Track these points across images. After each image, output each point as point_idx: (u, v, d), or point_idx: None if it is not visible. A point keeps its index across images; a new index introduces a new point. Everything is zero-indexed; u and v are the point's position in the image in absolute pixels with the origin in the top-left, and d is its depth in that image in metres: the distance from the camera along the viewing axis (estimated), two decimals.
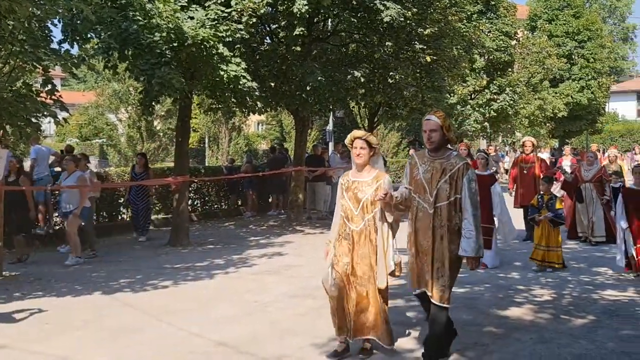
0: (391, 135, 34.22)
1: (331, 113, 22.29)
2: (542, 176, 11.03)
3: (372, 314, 5.33)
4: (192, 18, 10.67)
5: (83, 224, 10.83)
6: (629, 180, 13.12)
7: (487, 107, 25.38)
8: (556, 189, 13.88)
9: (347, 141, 5.57)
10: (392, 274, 5.40)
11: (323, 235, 13.10)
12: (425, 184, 5.13)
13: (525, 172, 12.26)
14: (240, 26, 11.31)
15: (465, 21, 20.39)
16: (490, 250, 9.61)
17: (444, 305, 5.06)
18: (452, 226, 5.06)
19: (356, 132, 5.54)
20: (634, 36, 71.16)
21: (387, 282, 5.36)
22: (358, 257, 5.35)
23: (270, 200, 18.79)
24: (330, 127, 25.22)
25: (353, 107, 20.46)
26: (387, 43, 13.72)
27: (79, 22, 9.63)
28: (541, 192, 9.83)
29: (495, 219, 9.83)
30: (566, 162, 16.95)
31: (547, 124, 33.69)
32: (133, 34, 10.16)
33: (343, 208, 5.47)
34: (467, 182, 5.03)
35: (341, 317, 5.35)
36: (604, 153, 25.01)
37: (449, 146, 5.27)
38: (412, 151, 19.05)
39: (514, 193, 12.46)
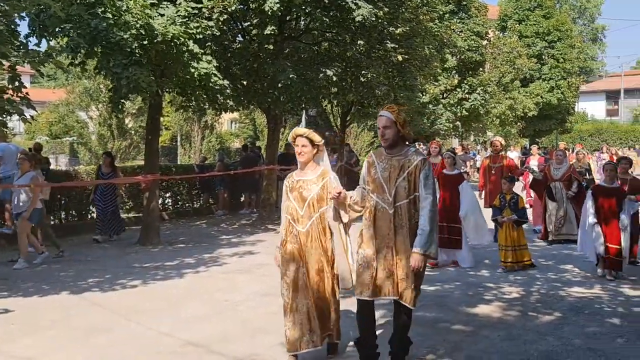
0: (364, 134, 34.29)
1: (304, 112, 22.29)
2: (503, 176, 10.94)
3: (326, 316, 5.21)
4: (162, 15, 10.57)
5: (33, 225, 10.57)
6: (597, 179, 13.30)
7: (458, 107, 25.60)
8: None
9: (289, 139, 5.43)
10: (344, 275, 5.24)
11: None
12: (384, 183, 4.92)
13: (493, 172, 12.16)
14: (211, 23, 11.25)
15: (437, 21, 20.53)
16: (460, 250, 9.68)
17: (411, 306, 4.87)
18: (412, 225, 4.86)
19: (298, 130, 5.37)
20: (603, 37, 72.53)
21: (352, 283, 5.21)
22: (307, 259, 5.17)
23: (242, 199, 18.74)
24: (303, 125, 25.21)
25: (325, 105, 20.48)
26: (359, 42, 13.74)
27: (47, 18, 9.49)
28: (503, 192, 9.72)
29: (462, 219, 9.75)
30: (533, 162, 17.07)
31: (518, 124, 34.10)
32: (102, 32, 10.03)
33: (288, 210, 5.31)
34: (423, 178, 4.85)
35: (298, 328, 5.12)
36: (572, 152, 25.35)
37: (406, 143, 5.10)
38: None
39: (483, 193, 12.34)
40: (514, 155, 25.96)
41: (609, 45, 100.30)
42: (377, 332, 5.26)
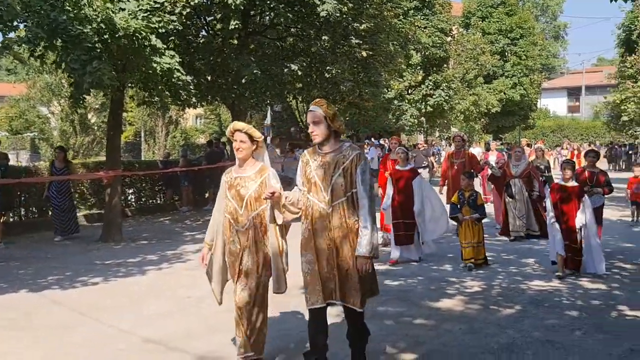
0: None
1: (269, 107, 22.23)
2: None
3: (258, 322, 5.00)
4: (123, 9, 10.42)
5: None
6: (556, 176, 13.12)
7: (423, 103, 25.77)
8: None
9: (227, 133, 5.15)
10: (279, 280, 4.99)
11: None
12: (319, 182, 4.64)
13: (455, 167, 12.02)
14: (174, 18, 11.14)
15: (401, 17, 20.65)
16: (412, 244, 9.68)
17: (359, 309, 4.64)
18: (352, 224, 4.59)
19: (236, 124, 5.07)
20: (565, 34, 73.74)
21: (286, 287, 5.01)
22: (245, 260, 4.96)
23: (207, 195, 18.61)
24: (268, 121, 25.14)
25: (290, 101, 20.44)
26: (323, 37, 13.75)
27: (3, 9, 9.27)
28: (462, 189, 9.56)
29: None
30: (492, 158, 17.16)
31: (481, 120, 34.48)
32: (62, 24, 9.84)
33: (228, 208, 5.03)
34: (360, 173, 4.58)
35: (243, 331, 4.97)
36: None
37: (341, 138, 4.82)
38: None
39: (445, 189, 12.19)
40: (476, 151, 26.22)
41: (571, 43, 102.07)
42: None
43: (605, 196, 9.88)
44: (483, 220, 9.55)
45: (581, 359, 5.24)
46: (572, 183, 8.75)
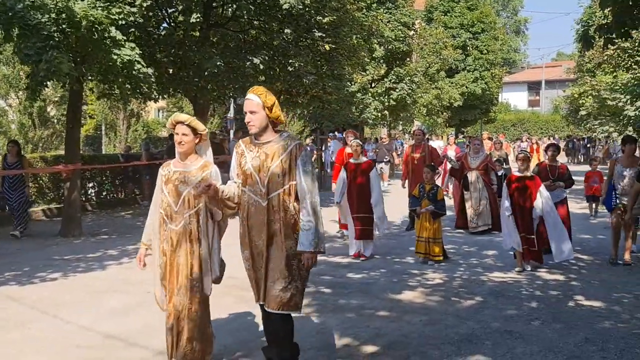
0: (293, 123, 34.31)
1: (232, 100, 22.08)
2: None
3: (188, 331, 4.67)
4: None
5: None
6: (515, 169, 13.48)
7: (386, 96, 25.87)
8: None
9: (168, 125, 4.83)
10: (216, 281, 4.81)
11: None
12: (255, 174, 4.36)
13: (416, 162, 11.92)
14: (134, 9, 10.96)
15: (364, 10, 20.67)
16: (372, 240, 9.62)
17: (282, 312, 4.31)
18: (288, 219, 4.32)
19: (178, 116, 4.73)
20: (526, 29, 74.77)
21: (210, 290, 4.79)
22: (176, 263, 4.67)
23: None
24: (231, 114, 24.96)
25: None
26: (286, 30, 13.70)
27: None
28: (423, 182, 9.44)
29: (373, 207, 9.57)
30: (451, 152, 17.23)
31: (444, 113, 34.79)
32: (19, 13, 9.61)
33: (162, 204, 4.73)
34: (301, 164, 4.32)
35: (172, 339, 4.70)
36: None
37: (277, 128, 4.52)
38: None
39: (407, 183, 12.07)
40: (437, 144, 26.41)
41: (531, 38, 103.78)
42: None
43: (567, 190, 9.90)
44: (445, 215, 9.46)
45: (538, 349, 5.33)
46: (528, 173, 8.78)
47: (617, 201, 9.14)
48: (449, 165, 13.35)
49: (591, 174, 14.44)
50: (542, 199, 8.50)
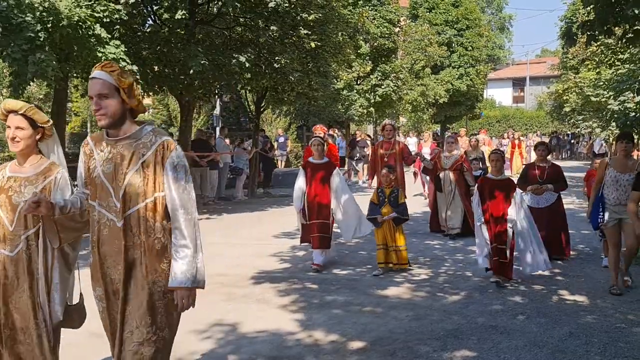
0: (279, 120, 34.31)
1: (218, 98, 22.05)
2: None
3: None
4: None
5: None
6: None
7: (372, 93, 25.93)
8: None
9: None
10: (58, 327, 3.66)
11: (209, 222, 12.99)
12: (107, 182, 3.21)
13: (386, 159, 10.46)
14: (119, 7, 10.93)
15: (350, 8, 20.70)
16: (330, 249, 8.71)
17: None
18: (151, 243, 3.20)
19: (8, 103, 3.58)
20: (510, 26, 75.11)
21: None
22: (15, 300, 3.52)
23: None
24: (217, 111, 24.93)
25: (239, 91, 20.32)
26: (272, 28, 13.71)
27: None
28: (382, 186, 8.50)
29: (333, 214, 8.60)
30: (426, 149, 16.45)
31: (429, 110, 34.90)
32: (3, 12, 9.57)
33: None
34: (171, 169, 3.19)
35: None
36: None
37: (135, 119, 3.36)
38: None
39: (374, 184, 10.81)
40: (413, 141, 26.32)
41: (515, 34, 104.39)
42: None
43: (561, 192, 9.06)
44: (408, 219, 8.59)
45: (523, 343, 5.40)
46: (502, 176, 7.89)
47: (605, 216, 7.17)
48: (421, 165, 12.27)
49: (592, 173, 13.98)
50: (515, 206, 7.52)
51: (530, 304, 6.71)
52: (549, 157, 8.58)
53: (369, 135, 26.83)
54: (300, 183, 8.67)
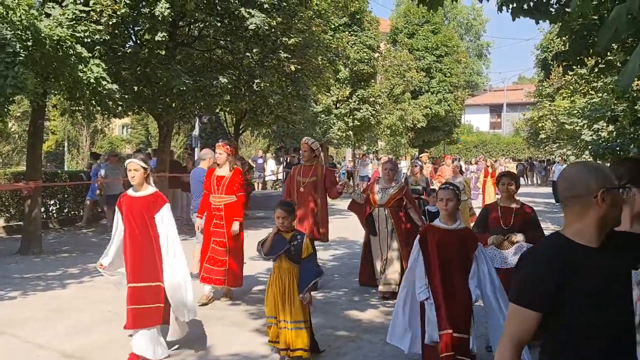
0: (258, 141, 34.41)
1: (197, 118, 22.08)
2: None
3: None
4: (48, 15, 10.23)
5: None
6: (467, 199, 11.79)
7: (350, 117, 26.15)
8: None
9: None
10: None
11: (183, 243, 12.92)
12: None
13: (302, 189, 8.51)
14: (100, 27, 10.96)
15: (330, 32, 20.93)
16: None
17: None
18: None
19: None
20: (488, 53, 76.27)
21: None
22: None
23: None
24: (196, 132, 24.93)
25: (219, 113, 20.39)
26: (253, 50, 13.82)
27: None
28: (279, 229, 5.52)
29: None
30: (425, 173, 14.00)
31: (408, 134, 35.23)
32: None
33: None
34: None
35: None
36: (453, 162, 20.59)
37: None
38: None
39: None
40: (402, 164, 26.31)
41: (493, 61, 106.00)
42: None
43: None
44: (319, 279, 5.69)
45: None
46: (457, 224, 5.24)
47: None
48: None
49: None
50: (478, 272, 5.08)
51: None
52: (516, 195, 6.24)
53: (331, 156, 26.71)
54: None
